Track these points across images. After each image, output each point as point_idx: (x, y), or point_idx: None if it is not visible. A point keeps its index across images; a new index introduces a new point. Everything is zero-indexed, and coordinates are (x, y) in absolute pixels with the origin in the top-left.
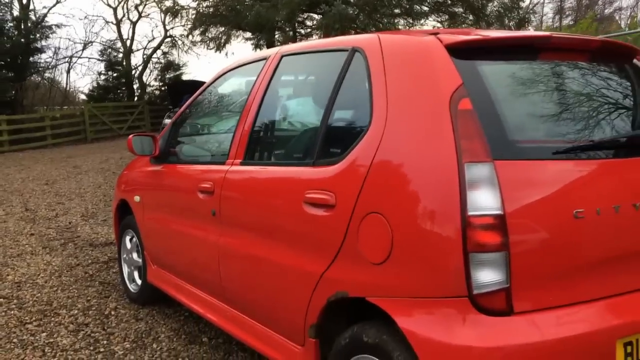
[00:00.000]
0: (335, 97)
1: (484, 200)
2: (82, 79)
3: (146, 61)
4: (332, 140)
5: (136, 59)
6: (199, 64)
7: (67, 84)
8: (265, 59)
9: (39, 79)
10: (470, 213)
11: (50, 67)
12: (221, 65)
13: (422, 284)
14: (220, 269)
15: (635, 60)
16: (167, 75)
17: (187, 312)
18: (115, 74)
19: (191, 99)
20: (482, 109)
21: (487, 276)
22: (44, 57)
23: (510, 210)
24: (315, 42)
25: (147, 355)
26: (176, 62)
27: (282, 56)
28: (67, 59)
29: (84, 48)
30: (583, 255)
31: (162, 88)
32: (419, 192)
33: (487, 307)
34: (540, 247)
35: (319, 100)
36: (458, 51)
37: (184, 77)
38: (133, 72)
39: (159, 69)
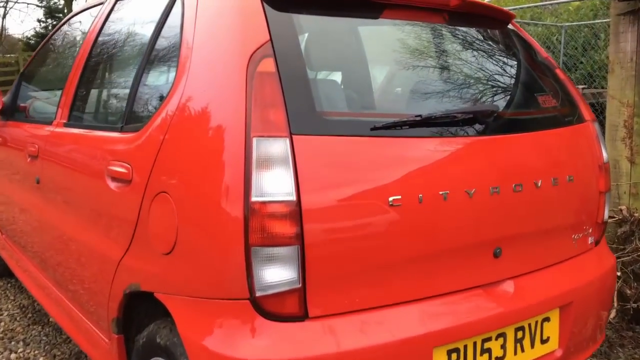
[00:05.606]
0: (151, 52)
1: (274, 183)
2: (21, 25)
3: None
4: (141, 103)
5: (78, 7)
6: None
7: (2, 30)
8: (102, 3)
9: None
10: (254, 199)
11: None
12: None
13: (203, 282)
14: (44, 246)
15: (510, 26)
16: None
17: None
18: (55, 22)
19: (38, 47)
20: (289, 73)
21: (275, 275)
22: None
23: (308, 196)
24: None
25: None
26: None
27: (117, 1)
28: (2, 4)
29: None
30: (398, 249)
31: None
32: (204, 170)
33: (275, 312)
34: (345, 240)
35: (139, 55)
36: (279, 3)
37: None
38: None
39: None
